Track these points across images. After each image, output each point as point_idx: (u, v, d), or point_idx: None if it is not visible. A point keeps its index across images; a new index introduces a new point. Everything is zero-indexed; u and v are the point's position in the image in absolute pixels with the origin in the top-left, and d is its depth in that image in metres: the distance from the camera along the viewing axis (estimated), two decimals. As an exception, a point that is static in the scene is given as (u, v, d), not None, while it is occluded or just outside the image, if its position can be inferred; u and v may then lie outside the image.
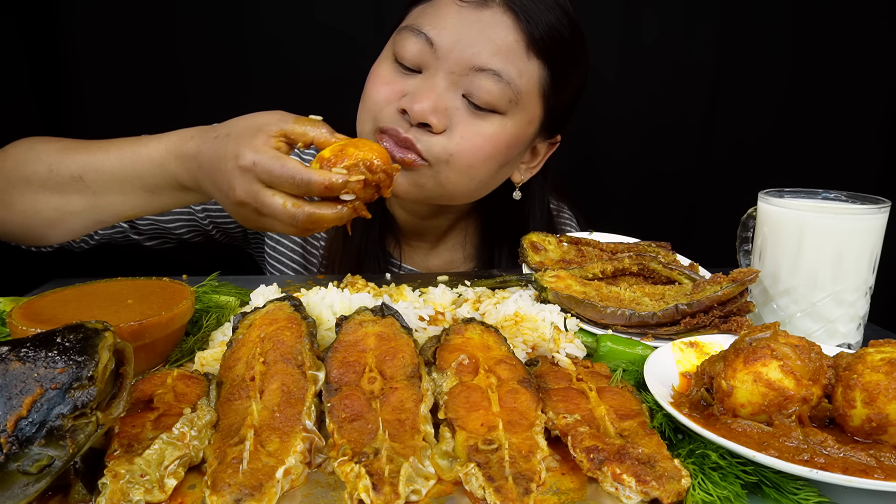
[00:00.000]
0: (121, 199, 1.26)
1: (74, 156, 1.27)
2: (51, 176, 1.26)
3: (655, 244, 1.39)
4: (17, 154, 1.32)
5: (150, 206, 1.28)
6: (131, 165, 1.23)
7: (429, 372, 0.90)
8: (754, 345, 0.80)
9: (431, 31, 1.30)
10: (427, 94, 1.29)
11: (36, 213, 1.29)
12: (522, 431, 0.77)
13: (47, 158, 1.28)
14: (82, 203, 1.28)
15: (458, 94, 1.31)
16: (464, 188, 1.39)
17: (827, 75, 2.31)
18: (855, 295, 1.11)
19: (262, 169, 1.06)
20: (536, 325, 1.08)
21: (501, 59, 1.29)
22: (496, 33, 1.29)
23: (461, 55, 1.29)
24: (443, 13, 1.31)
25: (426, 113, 1.27)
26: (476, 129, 1.32)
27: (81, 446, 0.65)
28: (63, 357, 0.68)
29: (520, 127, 1.37)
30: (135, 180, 1.23)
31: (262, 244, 1.73)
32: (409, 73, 1.34)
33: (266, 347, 0.89)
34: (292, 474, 0.72)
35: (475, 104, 1.31)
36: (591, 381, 0.91)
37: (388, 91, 1.33)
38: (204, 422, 0.77)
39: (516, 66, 1.30)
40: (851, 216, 1.10)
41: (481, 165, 1.36)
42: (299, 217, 1.07)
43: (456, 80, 1.30)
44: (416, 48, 1.30)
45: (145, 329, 0.94)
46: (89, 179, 1.25)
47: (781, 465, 0.70)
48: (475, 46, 1.28)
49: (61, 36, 2.04)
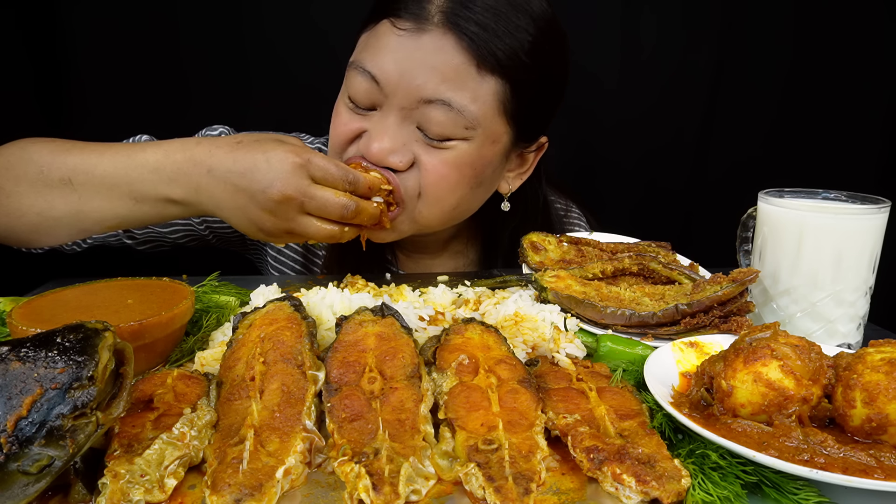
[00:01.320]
0: (105, 204, 1.23)
1: (67, 157, 1.24)
2: (40, 177, 1.24)
3: (655, 244, 1.39)
4: (11, 155, 1.29)
5: (132, 216, 1.25)
6: (123, 169, 1.21)
7: (429, 372, 0.90)
8: (754, 345, 0.80)
9: (374, 67, 1.24)
10: (380, 136, 1.25)
11: (20, 216, 1.27)
12: (522, 431, 0.77)
13: (39, 159, 1.25)
14: (65, 208, 1.24)
15: (413, 126, 1.26)
16: (440, 218, 1.36)
17: (827, 75, 2.31)
18: (855, 295, 1.11)
19: (318, 166, 1.15)
20: (536, 325, 1.08)
21: (450, 86, 1.21)
22: (440, 59, 1.20)
23: (407, 89, 1.22)
24: (382, 44, 1.24)
25: (384, 155, 1.25)
26: (437, 158, 1.26)
27: (81, 446, 0.65)
28: (63, 357, 0.68)
29: (484, 148, 1.29)
30: (123, 186, 1.21)
31: (261, 251, 1.73)
32: (365, 113, 1.29)
33: (266, 347, 0.89)
34: (292, 474, 0.72)
35: (430, 136, 1.25)
36: (591, 381, 0.91)
37: (346, 131, 1.31)
38: (204, 422, 0.77)
39: (469, 91, 1.22)
40: (851, 216, 1.10)
41: (450, 195, 1.31)
42: (351, 206, 1.17)
43: (407, 114, 1.25)
44: (364, 87, 1.25)
45: (145, 329, 0.94)
46: (78, 182, 1.22)
47: (781, 465, 0.70)
48: (419, 77, 1.21)
49: (62, 36, 2.04)
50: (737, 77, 2.32)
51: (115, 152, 1.23)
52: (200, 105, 2.08)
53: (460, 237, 1.66)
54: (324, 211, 1.17)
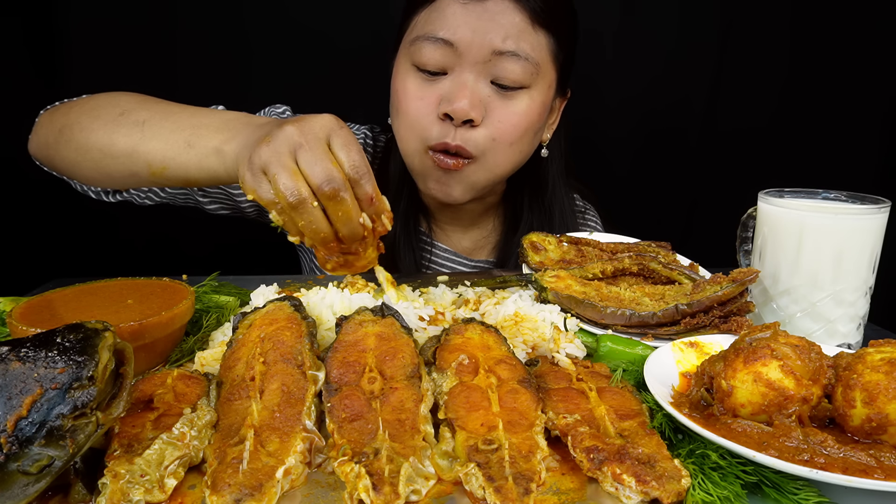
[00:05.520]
0: (161, 145, 1.26)
1: (154, 105, 1.33)
2: (118, 118, 1.31)
3: (655, 244, 1.39)
4: (101, 98, 1.39)
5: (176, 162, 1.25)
6: (191, 117, 1.26)
7: (429, 372, 0.90)
8: (754, 345, 0.80)
9: (446, 33, 1.40)
10: (462, 93, 1.40)
11: (86, 151, 1.34)
12: (522, 431, 0.77)
13: (125, 104, 1.34)
14: (125, 146, 1.29)
15: (487, 81, 1.43)
16: (511, 165, 1.54)
17: (827, 75, 2.31)
18: (855, 295, 1.11)
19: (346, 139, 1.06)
20: (536, 325, 1.08)
21: (515, 39, 1.40)
22: (504, 18, 1.40)
23: (480, 46, 1.39)
24: (449, 14, 1.41)
25: (468, 110, 1.39)
26: (510, 109, 1.45)
27: (81, 446, 0.65)
28: (63, 357, 0.68)
29: (544, 94, 1.50)
30: (187, 131, 1.24)
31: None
32: (435, 78, 1.44)
33: (266, 347, 0.89)
34: (292, 474, 0.72)
35: (504, 86, 1.43)
36: (591, 381, 0.91)
37: (423, 105, 1.44)
38: (204, 422, 0.77)
39: (529, 43, 1.42)
40: (851, 216, 1.10)
41: (521, 139, 1.49)
42: (337, 181, 1.03)
43: (481, 69, 1.41)
44: (438, 53, 1.41)
45: (145, 329, 0.94)
46: (149, 124, 1.28)
47: (781, 465, 0.70)
48: (490, 34, 1.39)
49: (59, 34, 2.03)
50: (736, 77, 2.32)
51: (196, 110, 1.30)
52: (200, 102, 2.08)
53: (491, 210, 1.78)
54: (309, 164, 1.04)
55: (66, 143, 1.37)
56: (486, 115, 1.44)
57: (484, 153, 1.46)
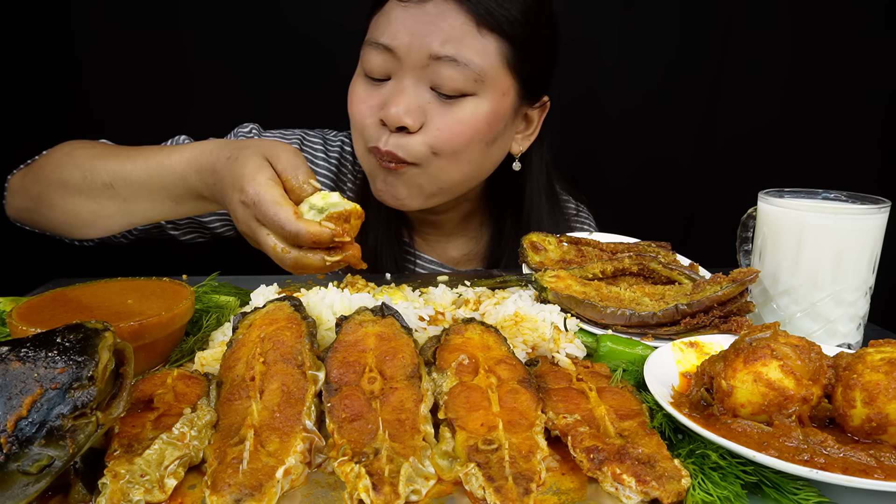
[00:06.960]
0: (149, 205, 1.32)
1: (105, 163, 1.33)
2: (85, 182, 1.34)
3: (655, 244, 1.39)
4: (57, 159, 1.41)
5: (176, 213, 1.33)
6: (157, 176, 1.28)
7: (429, 372, 0.90)
8: (754, 345, 0.80)
9: (387, 38, 1.35)
10: (397, 99, 1.35)
11: (76, 214, 1.38)
12: (522, 431, 0.77)
13: (82, 164, 1.35)
14: (115, 208, 1.34)
15: (426, 87, 1.37)
16: (458, 174, 1.45)
17: (827, 75, 2.31)
18: (855, 295, 1.11)
19: (259, 211, 1.06)
20: (536, 325, 1.08)
21: (454, 44, 1.33)
22: (444, 21, 1.33)
23: (419, 49, 1.34)
24: (391, 18, 1.37)
25: (400, 116, 1.34)
26: (451, 117, 1.37)
27: (81, 446, 0.65)
28: (63, 357, 0.68)
29: (494, 102, 1.40)
30: (161, 190, 1.28)
31: None
32: (381, 83, 1.40)
33: (266, 347, 0.89)
34: (292, 474, 0.72)
35: (443, 93, 1.36)
36: (591, 381, 0.91)
37: (366, 108, 1.41)
38: (204, 422, 0.77)
39: (472, 47, 1.34)
40: (851, 216, 1.10)
41: (466, 149, 1.40)
42: (286, 262, 1.07)
43: (420, 74, 1.35)
44: (380, 59, 1.37)
45: (145, 329, 0.94)
46: (119, 188, 1.31)
47: (781, 465, 0.70)
48: (427, 37, 1.33)
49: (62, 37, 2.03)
50: (737, 77, 2.32)
51: (146, 159, 1.30)
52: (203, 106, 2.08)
53: (473, 220, 1.73)
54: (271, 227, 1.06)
55: (49, 209, 1.41)
56: (426, 123, 1.37)
57: (425, 161, 1.39)
